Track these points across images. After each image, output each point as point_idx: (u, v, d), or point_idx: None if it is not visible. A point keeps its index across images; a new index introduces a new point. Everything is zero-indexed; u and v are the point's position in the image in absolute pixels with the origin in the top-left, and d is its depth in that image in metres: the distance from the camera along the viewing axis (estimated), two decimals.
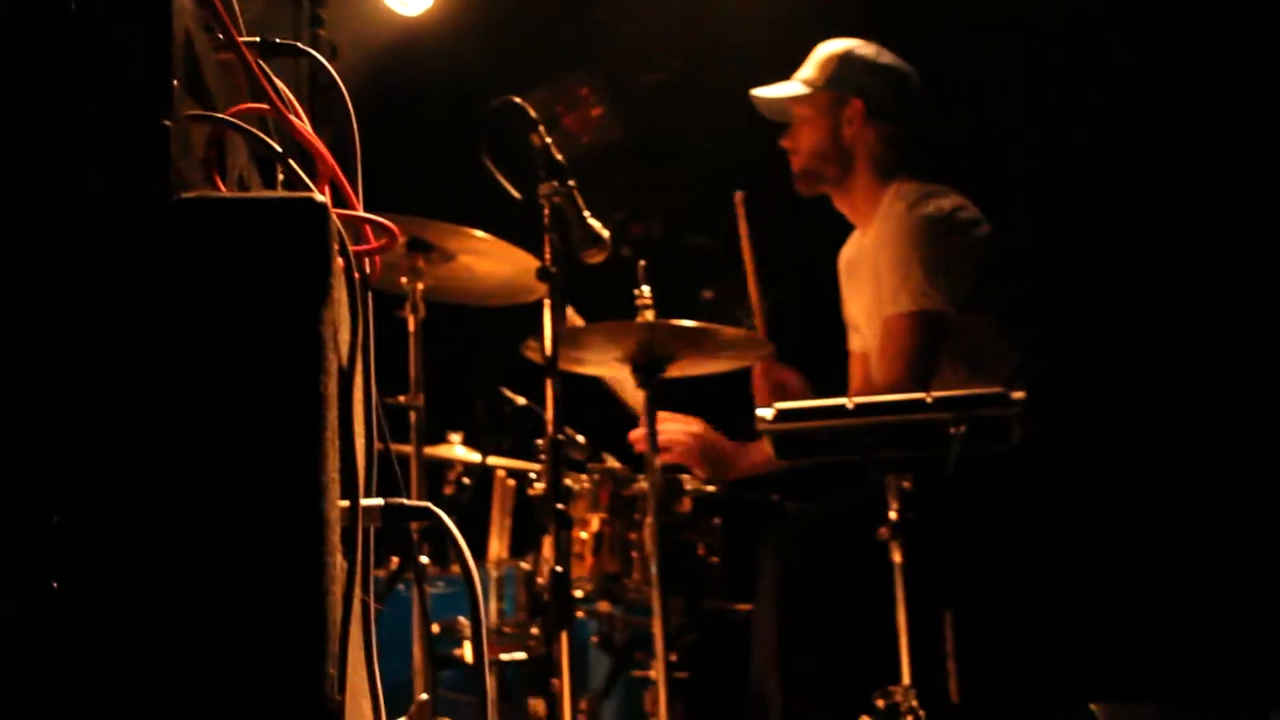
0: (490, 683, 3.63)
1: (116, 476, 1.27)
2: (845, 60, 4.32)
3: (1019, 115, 5.00)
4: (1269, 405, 4.45)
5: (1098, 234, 4.82)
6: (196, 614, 1.25)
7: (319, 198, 1.35)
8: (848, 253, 4.47)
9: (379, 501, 1.54)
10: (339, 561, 1.35)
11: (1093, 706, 3.17)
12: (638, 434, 4.15)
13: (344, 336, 1.47)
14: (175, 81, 1.33)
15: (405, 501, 1.56)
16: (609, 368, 4.05)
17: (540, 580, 3.65)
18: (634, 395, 4.25)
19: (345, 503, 1.42)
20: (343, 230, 1.48)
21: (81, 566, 1.25)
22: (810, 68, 4.37)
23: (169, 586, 1.25)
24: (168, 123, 1.32)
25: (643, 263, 3.82)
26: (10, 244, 1.29)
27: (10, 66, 1.32)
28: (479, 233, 3.83)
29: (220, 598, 1.26)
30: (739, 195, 4.36)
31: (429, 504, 1.56)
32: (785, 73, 4.46)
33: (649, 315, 3.78)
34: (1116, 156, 4.82)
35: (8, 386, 1.28)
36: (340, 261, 1.43)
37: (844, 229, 4.47)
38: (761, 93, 4.42)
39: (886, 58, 4.34)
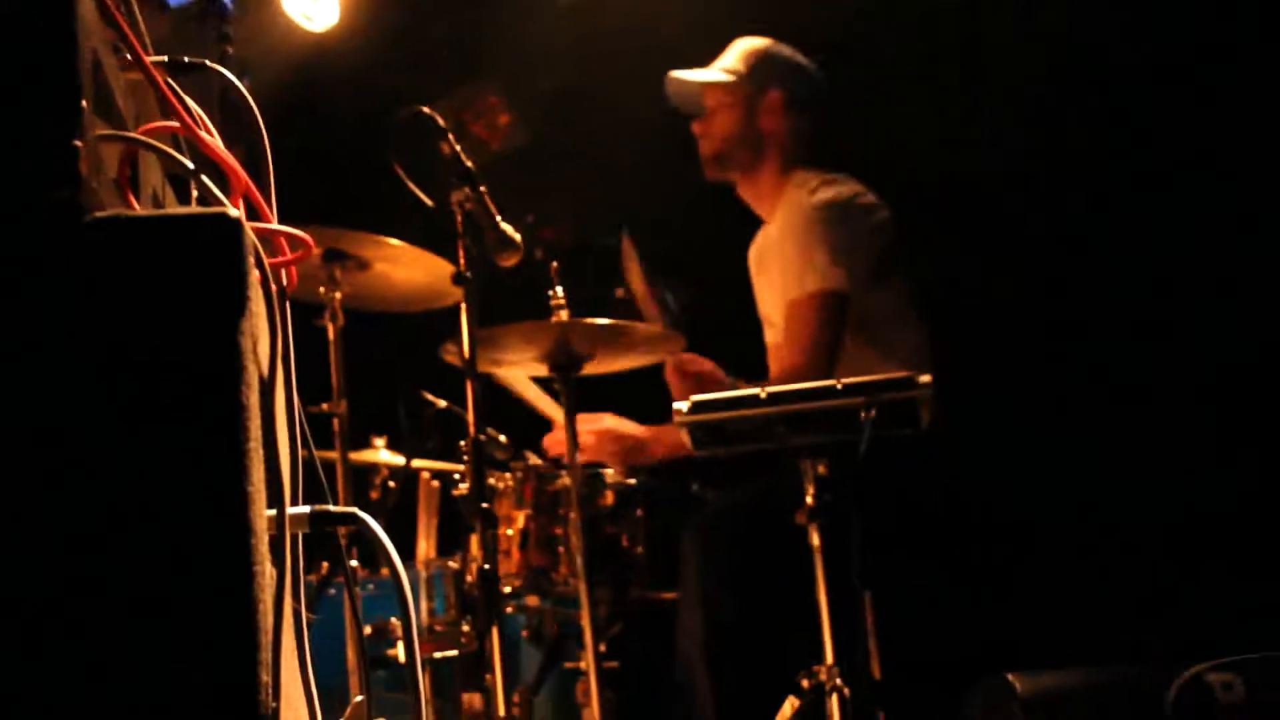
0: (424, 682, 3.66)
1: (28, 494, 1.26)
2: (767, 55, 4.41)
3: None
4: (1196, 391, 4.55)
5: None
6: (125, 627, 1.24)
7: (232, 212, 1.34)
8: (756, 247, 4.52)
9: (305, 509, 1.54)
10: (268, 570, 1.34)
11: (1009, 675, 3.25)
12: (553, 438, 4.20)
13: (263, 348, 1.45)
14: (84, 102, 1.32)
15: (331, 508, 1.56)
16: (512, 372, 4.11)
17: (469, 578, 3.68)
18: (538, 398, 4.31)
19: (272, 511, 1.41)
20: (258, 243, 1.46)
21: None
22: (731, 58, 4.44)
23: (94, 601, 1.25)
24: (78, 143, 1.30)
25: (555, 264, 3.88)
26: None
27: None
28: (393, 241, 3.85)
29: (150, 611, 1.25)
30: (627, 239, 4.43)
31: (354, 509, 1.56)
32: (695, 62, 4.50)
33: (563, 315, 3.84)
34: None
35: None
36: (256, 274, 1.41)
37: (753, 222, 4.53)
38: (683, 75, 4.47)
39: (800, 58, 4.43)
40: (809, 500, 3.31)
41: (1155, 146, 4.77)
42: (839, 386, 3.29)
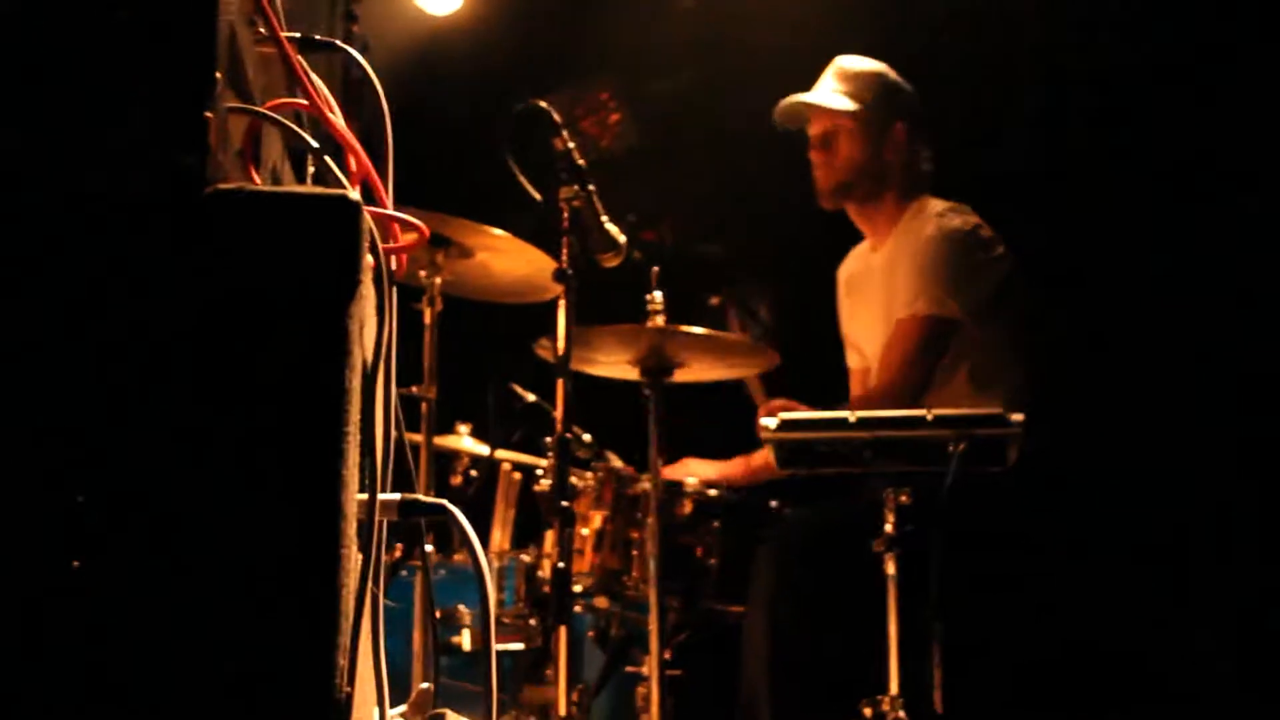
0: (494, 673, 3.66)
1: (136, 463, 1.27)
2: (887, 82, 4.32)
3: (1019, 115, 5.01)
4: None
5: (1098, 236, 4.84)
6: (211, 602, 1.25)
7: (353, 195, 1.34)
8: (850, 268, 4.48)
9: (396, 497, 1.53)
10: (354, 554, 1.35)
11: None
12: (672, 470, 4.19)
13: (369, 333, 1.45)
14: (218, 74, 1.33)
15: (421, 498, 1.56)
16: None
17: (541, 574, 3.69)
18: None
19: (363, 496, 1.41)
20: (374, 228, 1.47)
21: (96, 555, 1.25)
22: (850, 83, 4.32)
23: (184, 574, 1.26)
24: (208, 114, 1.32)
25: (656, 269, 3.87)
26: (50, 225, 1.30)
27: (59, 53, 1.32)
28: (497, 231, 3.86)
29: (236, 587, 1.26)
30: (716, 300, 4.40)
31: (444, 502, 1.56)
32: (797, 79, 4.42)
33: (659, 320, 3.83)
34: (1116, 156, 4.83)
35: (34, 370, 1.27)
36: (369, 259, 1.41)
37: (844, 239, 4.50)
38: (809, 99, 4.33)
39: (908, 84, 4.36)
40: (888, 529, 3.28)
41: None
42: (929, 417, 3.27)
